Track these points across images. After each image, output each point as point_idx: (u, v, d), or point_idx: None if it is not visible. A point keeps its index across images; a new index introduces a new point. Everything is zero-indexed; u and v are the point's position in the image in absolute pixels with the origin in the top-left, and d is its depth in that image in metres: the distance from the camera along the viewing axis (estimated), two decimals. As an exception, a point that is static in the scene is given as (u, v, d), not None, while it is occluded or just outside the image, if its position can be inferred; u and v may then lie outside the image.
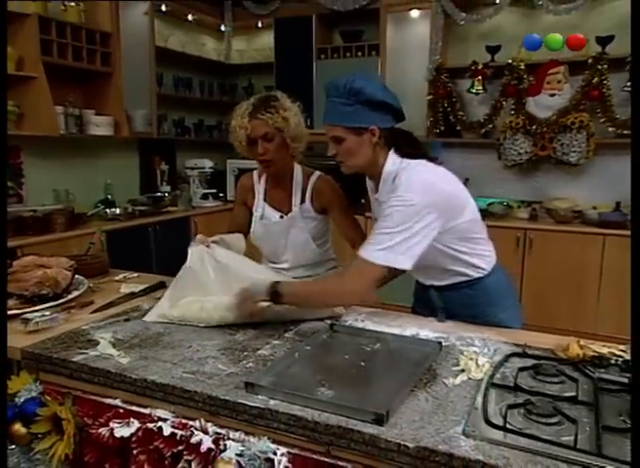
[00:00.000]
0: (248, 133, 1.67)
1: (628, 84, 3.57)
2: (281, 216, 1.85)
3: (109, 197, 3.96)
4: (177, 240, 4.16)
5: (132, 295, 1.75)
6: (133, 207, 3.90)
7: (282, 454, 1.01)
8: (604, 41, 3.60)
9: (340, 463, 0.99)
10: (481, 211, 4.20)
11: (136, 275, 2.01)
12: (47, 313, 1.48)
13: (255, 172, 1.93)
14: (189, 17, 4.64)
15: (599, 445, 0.88)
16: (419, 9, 4.18)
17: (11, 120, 3.20)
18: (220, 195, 4.93)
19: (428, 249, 1.38)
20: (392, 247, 1.32)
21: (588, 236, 3.60)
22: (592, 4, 3.64)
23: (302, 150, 1.80)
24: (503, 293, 1.63)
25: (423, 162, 1.45)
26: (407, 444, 0.92)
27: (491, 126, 4.01)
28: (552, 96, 3.73)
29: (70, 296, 1.66)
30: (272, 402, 1.06)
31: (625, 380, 1.11)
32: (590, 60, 3.59)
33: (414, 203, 1.33)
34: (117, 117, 3.74)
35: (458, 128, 4.13)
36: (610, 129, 3.63)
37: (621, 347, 1.31)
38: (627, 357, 1.24)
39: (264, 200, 1.88)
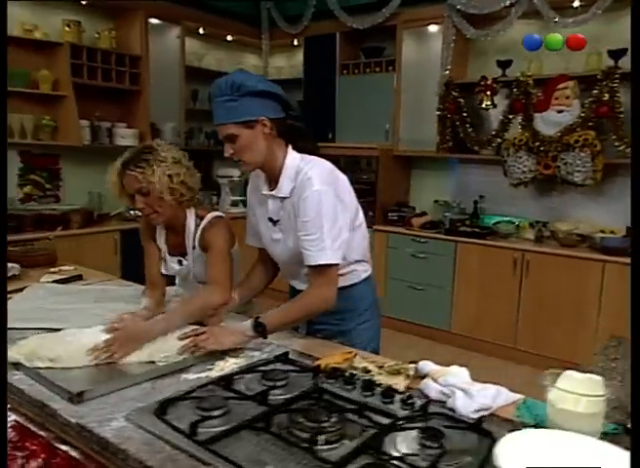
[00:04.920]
0: (123, 188, 1.63)
1: (644, 100, 3.29)
2: (179, 261, 1.80)
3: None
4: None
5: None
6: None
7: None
8: (617, 55, 3.35)
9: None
10: (485, 229, 4.07)
11: (72, 268, 2.34)
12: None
13: None
14: (228, 37, 5.03)
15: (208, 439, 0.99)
16: (437, 24, 4.17)
17: (47, 132, 3.77)
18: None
19: None
20: (332, 244, 1.42)
21: (585, 262, 3.36)
22: (607, 16, 3.40)
23: (190, 197, 1.69)
24: (366, 306, 1.66)
25: (322, 159, 1.52)
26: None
27: (500, 141, 3.88)
28: (560, 112, 3.54)
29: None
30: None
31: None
32: (600, 75, 3.36)
33: (331, 195, 1.42)
34: (142, 129, 4.21)
35: (468, 144, 4.04)
36: (620, 148, 3.36)
37: (380, 366, 1.34)
38: (374, 377, 1.29)
39: (165, 243, 1.81)
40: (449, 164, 4.51)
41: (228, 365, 1.34)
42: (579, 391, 1.01)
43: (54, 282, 2.09)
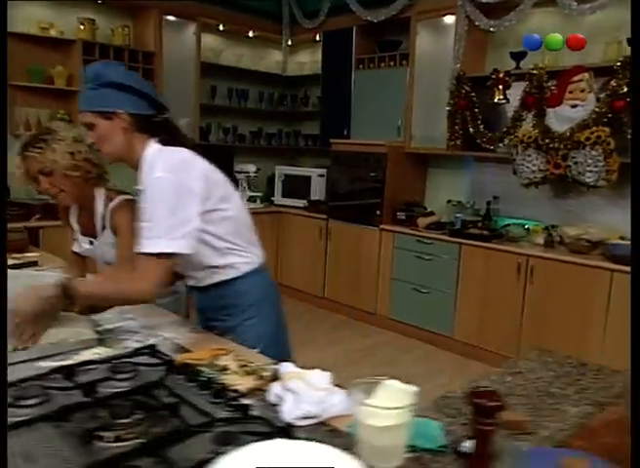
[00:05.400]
0: (24, 171, 1.67)
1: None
2: (90, 242, 1.82)
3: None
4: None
5: None
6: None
7: None
8: (637, 42, 3.04)
9: None
10: (495, 231, 3.81)
11: (37, 254, 2.43)
12: None
13: None
14: (250, 33, 5.06)
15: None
16: (453, 14, 3.97)
17: (61, 125, 3.94)
18: (272, 198, 5.30)
19: None
20: (168, 232, 1.32)
21: (592, 270, 3.08)
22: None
23: (97, 175, 1.72)
24: (251, 302, 1.58)
25: (184, 149, 1.44)
26: None
27: (512, 138, 3.63)
28: (574, 107, 3.27)
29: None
30: None
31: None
32: (617, 65, 3.06)
33: (174, 182, 1.34)
34: (155, 124, 4.31)
35: (478, 141, 3.82)
36: (636, 146, 3.05)
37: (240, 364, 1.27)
38: (225, 375, 1.23)
39: (77, 223, 1.86)
40: (465, 162, 4.30)
41: (90, 354, 1.32)
42: (386, 403, 0.91)
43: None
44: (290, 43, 5.34)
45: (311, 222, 4.80)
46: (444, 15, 4.00)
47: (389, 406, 0.93)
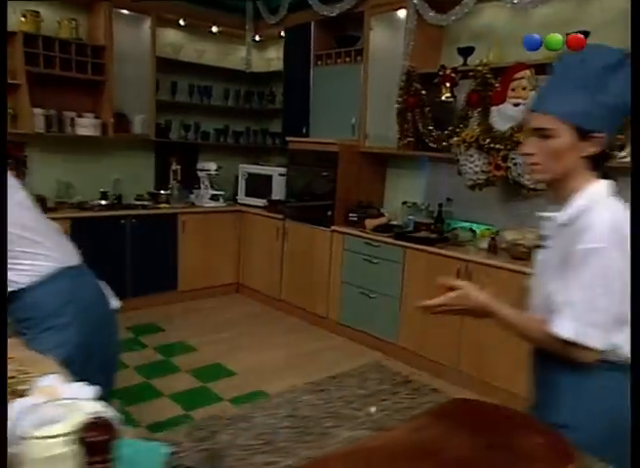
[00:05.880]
0: None
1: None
2: None
3: (107, 191, 4.48)
4: (155, 235, 4.50)
5: None
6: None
7: None
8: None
9: None
10: (441, 233, 3.66)
11: None
12: None
13: None
14: (214, 29, 4.96)
15: None
16: (406, 8, 3.81)
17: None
18: (237, 197, 5.21)
19: None
20: None
21: (523, 276, 2.90)
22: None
23: None
24: (48, 312, 1.50)
25: None
26: None
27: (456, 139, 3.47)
28: (516, 105, 3.10)
29: None
30: None
31: None
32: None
33: None
34: (105, 119, 4.25)
35: (426, 141, 3.67)
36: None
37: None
38: None
39: None
40: (422, 163, 4.14)
41: None
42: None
43: None
44: (257, 39, 5.24)
45: (269, 222, 4.69)
46: (397, 9, 3.85)
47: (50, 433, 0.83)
